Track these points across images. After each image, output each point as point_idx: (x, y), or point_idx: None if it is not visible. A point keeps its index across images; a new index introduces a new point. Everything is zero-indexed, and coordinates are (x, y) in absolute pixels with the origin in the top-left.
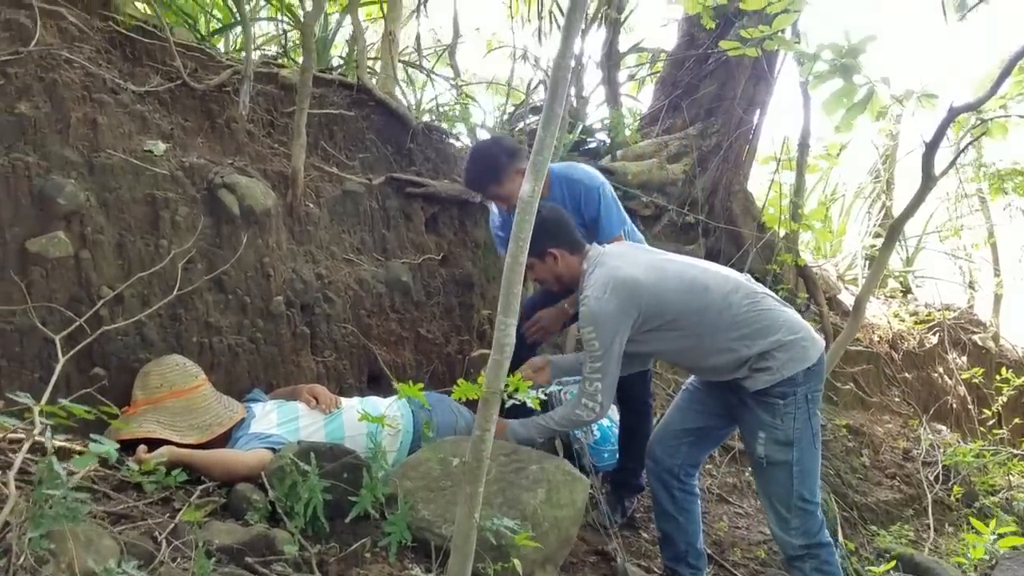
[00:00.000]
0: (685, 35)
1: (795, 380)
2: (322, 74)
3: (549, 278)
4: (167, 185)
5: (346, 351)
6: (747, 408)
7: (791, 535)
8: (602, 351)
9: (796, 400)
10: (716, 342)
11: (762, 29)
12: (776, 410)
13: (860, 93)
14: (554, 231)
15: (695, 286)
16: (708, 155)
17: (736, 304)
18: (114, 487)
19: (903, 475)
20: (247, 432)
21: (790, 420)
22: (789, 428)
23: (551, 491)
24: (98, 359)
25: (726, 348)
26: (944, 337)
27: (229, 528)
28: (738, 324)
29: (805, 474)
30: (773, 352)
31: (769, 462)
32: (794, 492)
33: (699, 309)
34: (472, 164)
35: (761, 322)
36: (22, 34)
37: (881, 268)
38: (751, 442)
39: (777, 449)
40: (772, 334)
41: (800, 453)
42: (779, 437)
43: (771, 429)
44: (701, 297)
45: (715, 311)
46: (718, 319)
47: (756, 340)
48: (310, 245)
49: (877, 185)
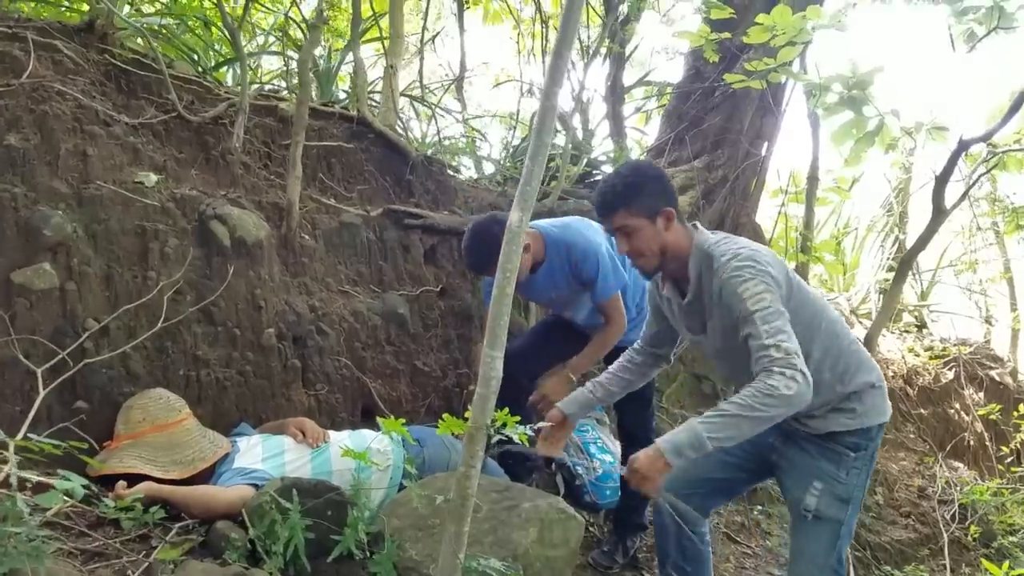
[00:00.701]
0: (691, 68)
1: (870, 433)
2: (322, 107)
3: (651, 248)
4: (157, 216)
5: (339, 384)
6: (801, 452)
7: None
8: (774, 305)
9: (866, 455)
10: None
11: (767, 62)
12: (843, 462)
13: (870, 125)
14: (667, 189)
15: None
16: (715, 188)
17: (842, 334)
18: (90, 524)
19: (918, 514)
20: (231, 467)
21: (855, 476)
22: (851, 484)
23: (544, 530)
24: (81, 392)
25: (815, 369)
26: (960, 372)
27: (206, 567)
28: (843, 355)
29: (848, 536)
30: (862, 395)
31: (817, 516)
32: (834, 553)
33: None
34: (473, 245)
35: (858, 357)
36: (15, 66)
37: (893, 301)
38: (799, 491)
39: (832, 505)
40: (866, 374)
41: (852, 513)
42: (839, 492)
43: (832, 481)
44: (826, 312)
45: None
46: (832, 344)
47: (853, 377)
48: (304, 277)
49: (890, 219)
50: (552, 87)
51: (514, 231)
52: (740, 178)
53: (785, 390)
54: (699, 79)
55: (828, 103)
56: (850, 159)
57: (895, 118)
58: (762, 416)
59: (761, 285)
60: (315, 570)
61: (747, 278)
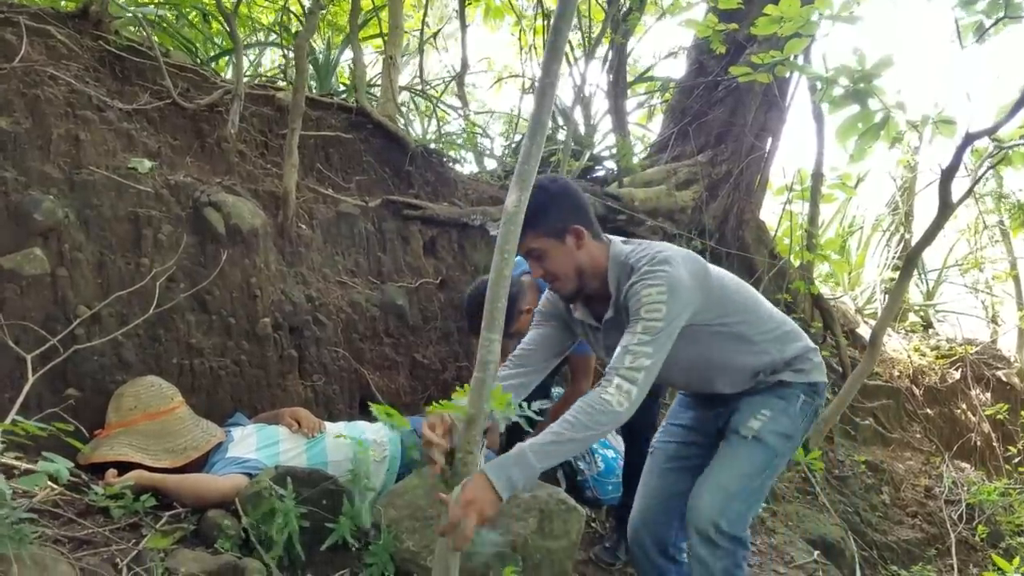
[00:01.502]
0: (695, 63)
1: (816, 388)
2: (321, 97)
3: (566, 271)
4: (151, 203)
5: (336, 375)
6: (751, 397)
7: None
8: (664, 324)
9: (811, 407)
10: (754, 341)
11: (773, 54)
12: (793, 401)
13: (875, 119)
14: (576, 204)
15: (740, 281)
16: (718, 183)
17: (767, 305)
18: (80, 512)
19: (925, 514)
20: (224, 456)
21: (800, 419)
22: (796, 425)
23: (544, 521)
24: (72, 380)
25: (761, 350)
26: (967, 372)
27: (197, 556)
28: (772, 325)
29: (771, 477)
30: (806, 355)
31: (757, 438)
32: (759, 478)
33: (744, 303)
34: (473, 308)
35: (789, 326)
36: (7, 50)
37: (898, 299)
38: (743, 419)
39: (774, 433)
40: (801, 339)
41: (786, 454)
42: (783, 424)
43: (779, 413)
44: (746, 292)
45: (756, 308)
46: (757, 317)
47: (788, 344)
48: (301, 266)
49: (895, 217)
50: (551, 63)
51: (511, 212)
52: (744, 173)
53: (617, 407)
54: (703, 73)
55: (834, 96)
56: (855, 154)
57: (901, 112)
58: (592, 436)
59: (664, 295)
60: (310, 559)
61: (652, 283)
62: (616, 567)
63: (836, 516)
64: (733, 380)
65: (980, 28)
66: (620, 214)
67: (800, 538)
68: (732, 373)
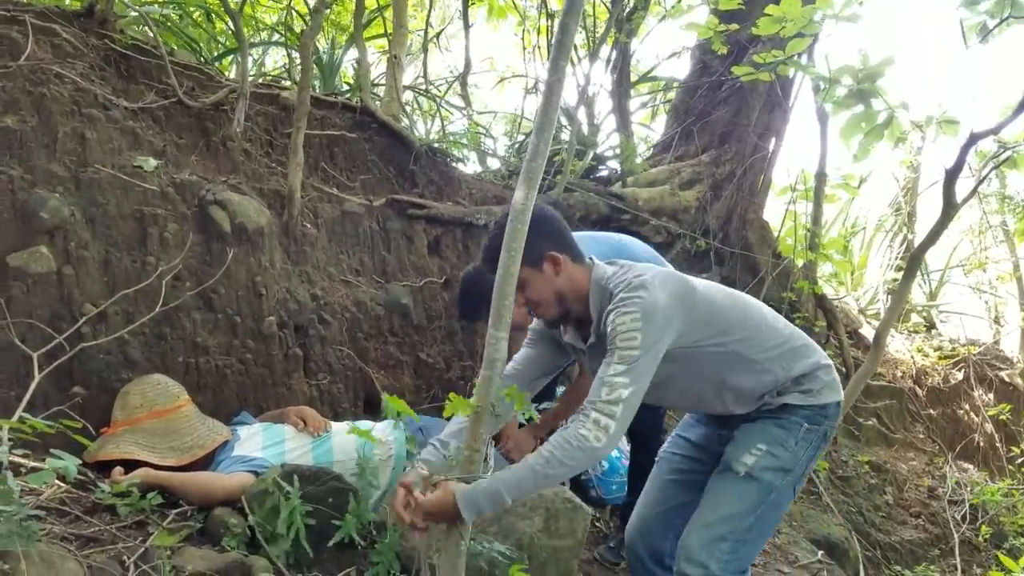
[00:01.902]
0: (698, 63)
1: (826, 411)
2: (325, 97)
3: (546, 298)
4: (156, 201)
5: (341, 374)
6: (752, 424)
7: (712, 558)
8: (641, 352)
9: (818, 432)
10: (754, 360)
11: (776, 54)
12: (794, 430)
13: (879, 119)
14: (551, 230)
15: (736, 295)
16: (722, 183)
17: (771, 319)
18: (86, 510)
19: (928, 514)
20: (230, 455)
21: (803, 448)
22: (796, 457)
23: (549, 519)
24: (78, 378)
25: (763, 369)
26: (970, 373)
27: (204, 554)
28: (777, 341)
29: (775, 510)
30: (816, 373)
31: (749, 475)
32: (751, 517)
33: (742, 319)
34: (465, 297)
35: (799, 341)
36: (12, 49)
37: (902, 299)
38: (738, 452)
39: (769, 469)
40: (812, 355)
41: (787, 486)
42: (782, 459)
43: (776, 446)
44: (743, 306)
45: (756, 323)
46: (758, 333)
47: (796, 361)
48: (306, 265)
49: (898, 218)
50: (559, 60)
51: (519, 208)
52: (748, 173)
53: (595, 442)
54: (706, 73)
55: (837, 96)
56: (859, 154)
57: (905, 111)
58: (566, 472)
59: (639, 323)
60: (316, 557)
61: (626, 311)
62: (620, 567)
63: (840, 516)
64: (736, 401)
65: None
66: (624, 214)
67: (804, 538)
68: (733, 394)
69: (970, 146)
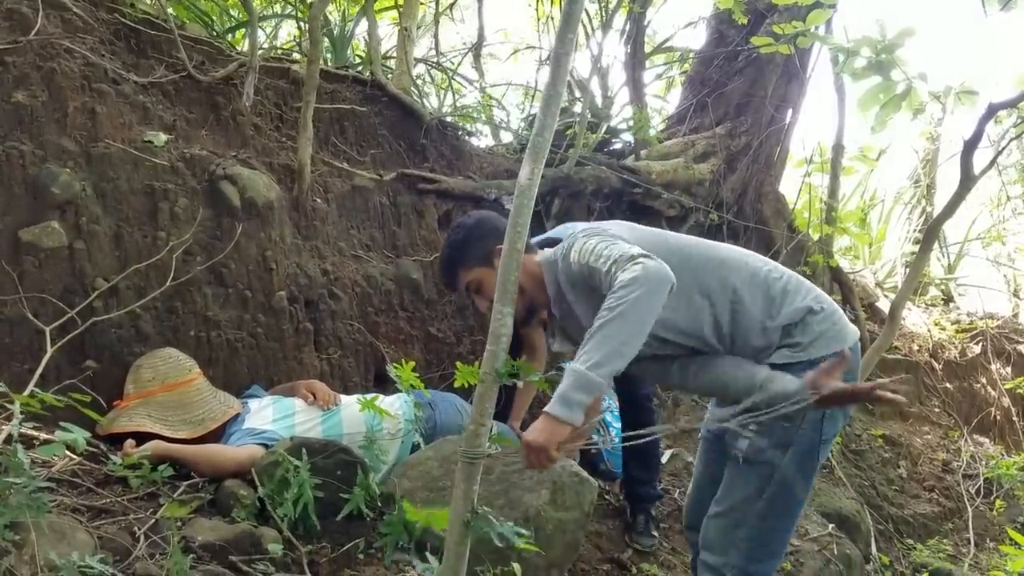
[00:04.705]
0: (714, 33)
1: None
2: (335, 70)
3: None
4: (167, 176)
5: (351, 349)
6: None
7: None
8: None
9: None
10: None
11: (795, 24)
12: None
13: (897, 89)
14: (492, 227)
15: (706, 243)
16: (737, 155)
17: (752, 266)
18: (98, 482)
19: (942, 488)
20: (241, 428)
21: (798, 420)
22: (793, 428)
23: (556, 492)
24: (91, 351)
25: (750, 322)
26: (987, 347)
27: (214, 525)
28: (761, 285)
29: (786, 487)
30: (806, 320)
31: (747, 460)
32: (761, 501)
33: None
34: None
35: (785, 285)
36: (23, 23)
37: (918, 271)
38: (733, 438)
39: (765, 449)
40: (799, 300)
41: (790, 464)
42: (775, 436)
43: (770, 424)
44: (715, 251)
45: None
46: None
47: (782, 307)
48: (316, 240)
49: (917, 190)
50: (566, 32)
51: (524, 185)
52: (763, 145)
53: (631, 273)
54: (722, 44)
55: (856, 68)
56: (876, 125)
57: (923, 82)
58: (628, 309)
59: (592, 241)
60: (324, 529)
61: (580, 245)
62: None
63: (852, 490)
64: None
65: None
66: (637, 187)
67: (815, 511)
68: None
69: (989, 117)
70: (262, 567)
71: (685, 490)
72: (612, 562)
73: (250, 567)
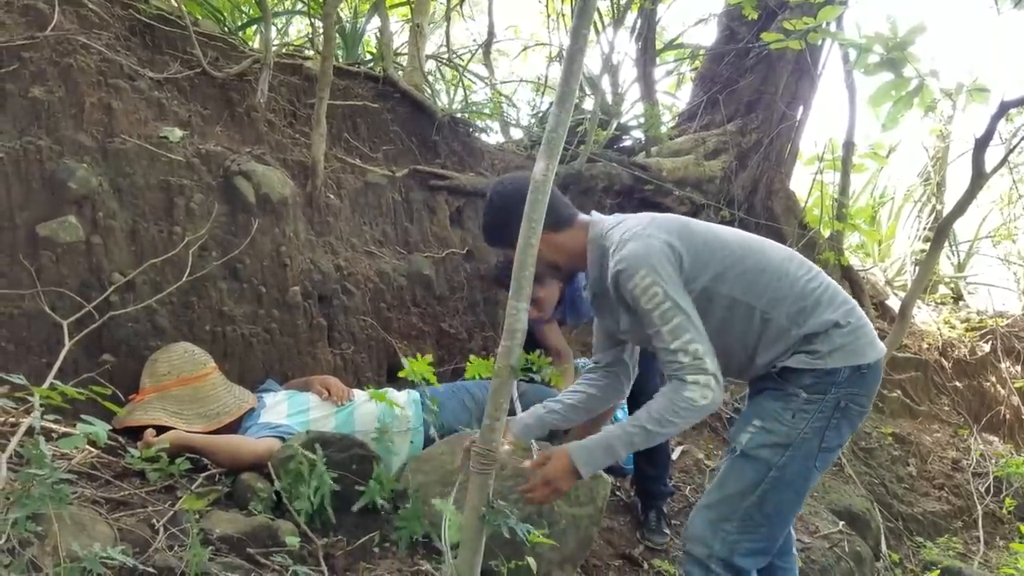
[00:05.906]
0: (725, 29)
1: (835, 377)
2: (348, 67)
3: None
4: (182, 172)
5: (364, 344)
6: (755, 398)
7: (716, 538)
8: (667, 299)
9: (823, 403)
10: (774, 318)
11: (806, 21)
12: (791, 402)
13: (909, 86)
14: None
15: (749, 241)
16: (748, 152)
17: (792, 273)
18: (117, 474)
19: (952, 486)
20: (256, 422)
21: (802, 420)
22: (796, 429)
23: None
24: (107, 345)
25: (777, 325)
26: (997, 345)
27: (231, 517)
28: (796, 296)
29: (781, 488)
30: (829, 333)
31: (744, 454)
32: (753, 497)
33: (756, 269)
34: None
35: (818, 296)
36: (39, 19)
37: (929, 269)
38: (737, 428)
39: (765, 446)
40: (828, 313)
41: (791, 462)
42: (778, 434)
43: (771, 420)
44: (758, 254)
45: (774, 274)
46: (778, 286)
47: (809, 317)
48: (329, 236)
49: (927, 188)
50: (580, 28)
51: (539, 180)
52: (774, 142)
53: (701, 400)
54: (733, 40)
55: (868, 64)
56: (888, 122)
57: (935, 79)
58: (675, 429)
59: (647, 276)
60: (340, 522)
61: (629, 270)
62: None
63: (862, 487)
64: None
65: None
66: (648, 184)
67: (826, 508)
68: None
69: (1000, 115)
70: (279, 559)
71: (696, 487)
72: (624, 558)
73: (268, 559)
